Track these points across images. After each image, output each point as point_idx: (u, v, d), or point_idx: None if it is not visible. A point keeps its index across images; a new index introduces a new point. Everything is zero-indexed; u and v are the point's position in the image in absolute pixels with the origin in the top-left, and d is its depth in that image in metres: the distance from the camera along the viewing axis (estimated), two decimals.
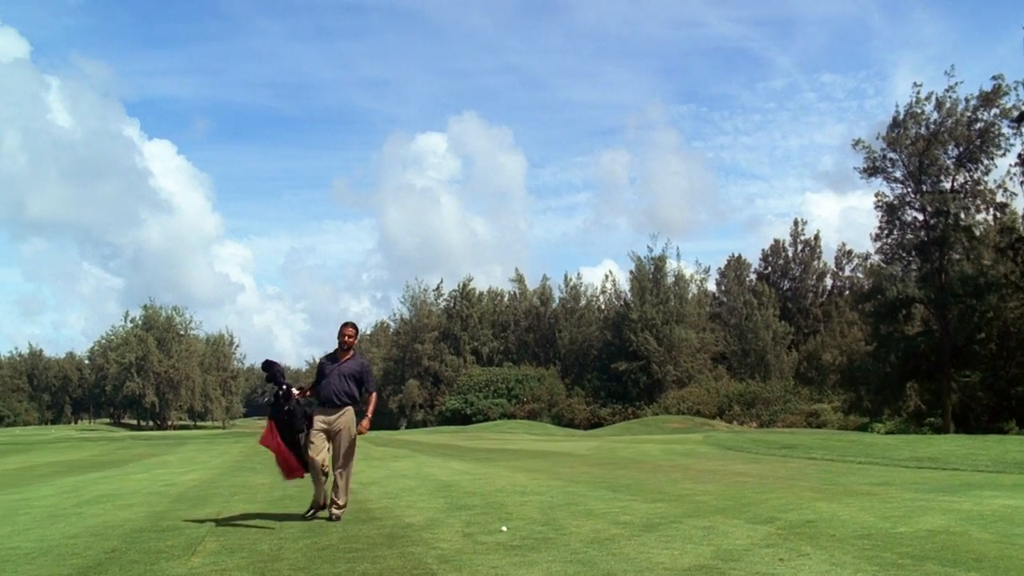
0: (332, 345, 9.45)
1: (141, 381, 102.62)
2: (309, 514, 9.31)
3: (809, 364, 74.08)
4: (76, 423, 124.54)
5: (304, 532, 8.29)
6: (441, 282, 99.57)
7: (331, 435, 9.07)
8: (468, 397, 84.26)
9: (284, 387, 9.16)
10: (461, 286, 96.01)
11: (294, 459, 9.12)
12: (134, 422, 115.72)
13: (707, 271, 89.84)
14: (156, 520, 9.64)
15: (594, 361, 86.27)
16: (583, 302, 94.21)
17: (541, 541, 7.39)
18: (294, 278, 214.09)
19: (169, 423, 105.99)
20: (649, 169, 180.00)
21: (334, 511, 9.10)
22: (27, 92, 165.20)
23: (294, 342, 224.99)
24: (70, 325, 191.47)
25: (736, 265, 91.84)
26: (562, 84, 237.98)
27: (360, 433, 9.18)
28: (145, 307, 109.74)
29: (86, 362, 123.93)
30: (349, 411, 9.18)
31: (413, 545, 7.36)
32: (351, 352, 9.24)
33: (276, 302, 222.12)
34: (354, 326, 9.37)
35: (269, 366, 9.28)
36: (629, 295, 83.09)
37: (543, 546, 7.16)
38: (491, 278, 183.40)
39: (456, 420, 79.51)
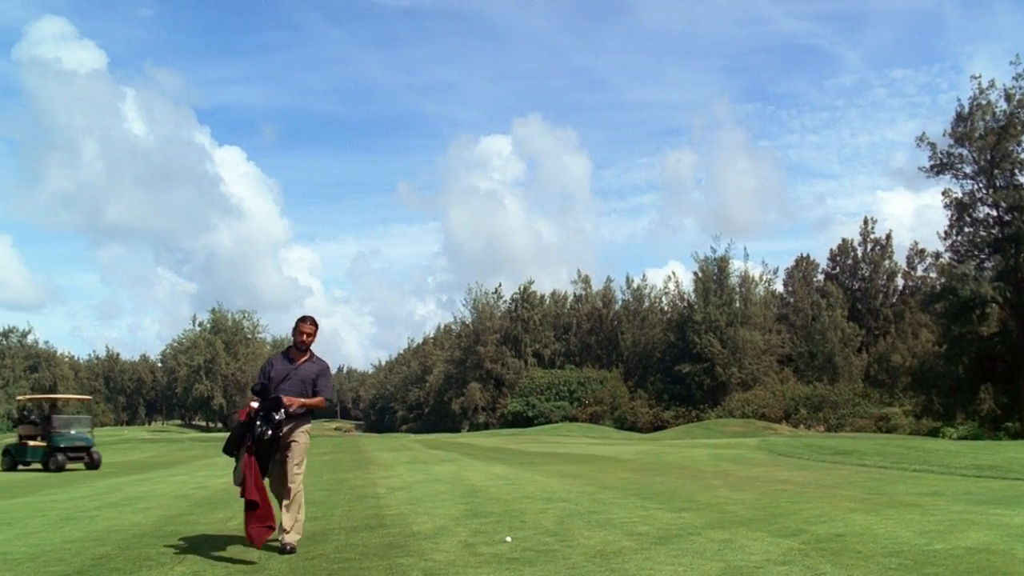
0: (398, 346, 8.89)
1: (209, 383, 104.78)
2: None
3: (879, 366, 71.78)
4: (149, 424, 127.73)
5: (302, 542, 7.97)
6: (500, 285, 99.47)
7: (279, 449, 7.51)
8: (530, 400, 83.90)
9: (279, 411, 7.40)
10: (522, 288, 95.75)
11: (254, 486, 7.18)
12: (203, 424, 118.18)
13: (774, 272, 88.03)
14: (164, 524, 9.45)
15: (657, 363, 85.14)
16: (646, 304, 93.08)
17: (542, 553, 6.93)
18: (361, 281, 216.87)
19: None
20: (715, 169, 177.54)
21: (286, 539, 7.41)
22: (104, 102, 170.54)
23: (361, 345, 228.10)
24: (145, 328, 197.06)
25: (803, 265, 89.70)
26: (625, 84, 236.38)
27: (288, 406, 7.36)
28: (213, 311, 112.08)
29: (158, 365, 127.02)
30: (303, 422, 7.76)
31: (407, 555, 6.97)
32: (309, 353, 7.90)
33: (343, 305, 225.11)
34: (314, 322, 7.97)
35: (264, 389, 7.53)
36: (692, 296, 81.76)
37: (542, 559, 6.70)
38: (556, 280, 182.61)
39: (518, 423, 79.14)
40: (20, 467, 24.44)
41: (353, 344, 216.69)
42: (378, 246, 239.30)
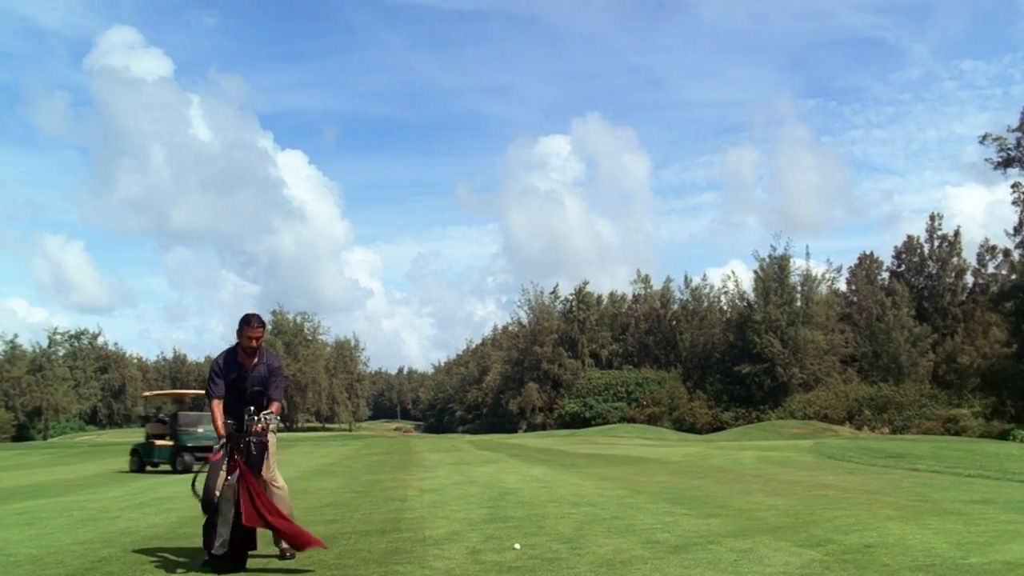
0: (457, 348, 8.43)
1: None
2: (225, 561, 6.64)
3: (947, 367, 69.45)
4: None
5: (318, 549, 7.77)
6: (557, 285, 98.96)
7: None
8: (587, 400, 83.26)
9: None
10: (577, 289, 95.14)
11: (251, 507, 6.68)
12: None
13: (838, 270, 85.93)
14: (180, 526, 9.37)
15: (716, 364, 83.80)
16: (705, 303, 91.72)
17: (548, 562, 6.61)
18: (420, 283, 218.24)
19: (297, 425, 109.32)
20: (777, 166, 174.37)
21: (284, 546, 7.04)
22: (171, 109, 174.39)
23: (421, 346, 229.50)
24: (211, 330, 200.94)
25: (867, 263, 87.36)
26: (684, 83, 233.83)
27: (253, 431, 6.89)
28: (274, 312, 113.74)
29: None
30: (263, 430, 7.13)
31: (407, 563, 6.71)
32: (258, 353, 7.19)
33: (403, 307, 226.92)
34: (261, 323, 7.19)
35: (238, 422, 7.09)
36: (752, 296, 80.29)
37: (545, 568, 6.38)
38: (616, 280, 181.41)
39: (575, 424, 78.55)
40: (148, 468, 22.84)
41: (413, 345, 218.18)
42: (438, 247, 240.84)
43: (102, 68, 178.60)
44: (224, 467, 6.72)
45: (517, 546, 7.35)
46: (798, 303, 76.95)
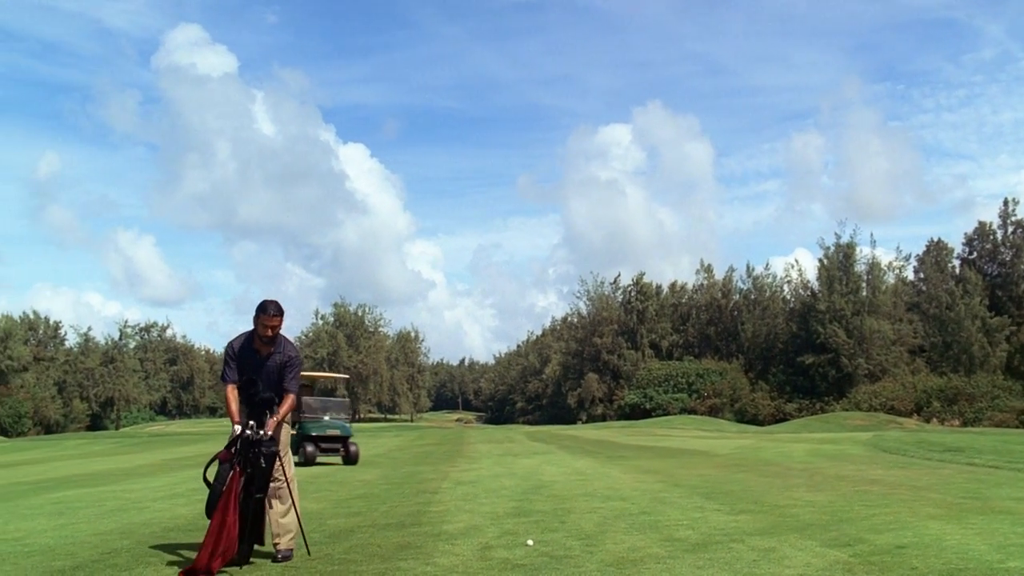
0: (519, 338, 8.03)
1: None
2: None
3: (1022, 357, 67.08)
4: None
5: (322, 540, 7.65)
6: (619, 275, 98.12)
7: None
8: (647, 392, 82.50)
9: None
10: (635, 279, 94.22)
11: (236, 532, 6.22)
12: None
13: (906, 258, 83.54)
14: (199, 518, 9.29)
15: (779, 354, 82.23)
16: (767, 293, 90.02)
17: (556, 560, 6.35)
18: (482, 274, 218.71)
19: (359, 416, 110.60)
20: (844, 152, 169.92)
21: (280, 545, 6.71)
22: (236, 104, 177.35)
23: (483, 337, 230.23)
24: None
25: (936, 250, 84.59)
26: (747, 69, 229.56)
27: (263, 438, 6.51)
28: (336, 305, 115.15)
29: None
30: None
31: (412, 559, 6.51)
32: (273, 345, 6.79)
33: (465, 298, 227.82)
34: (278, 311, 6.77)
35: (251, 385, 6.72)
36: (816, 285, 78.51)
37: (552, 566, 6.12)
38: (679, 270, 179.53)
39: (635, 415, 77.96)
40: None
41: (475, 336, 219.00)
42: (499, 239, 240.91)
43: (169, 66, 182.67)
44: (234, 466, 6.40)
45: (530, 542, 7.10)
46: (864, 292, 75.00)
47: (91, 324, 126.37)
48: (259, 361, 6.78)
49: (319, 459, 19.19)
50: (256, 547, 6.70)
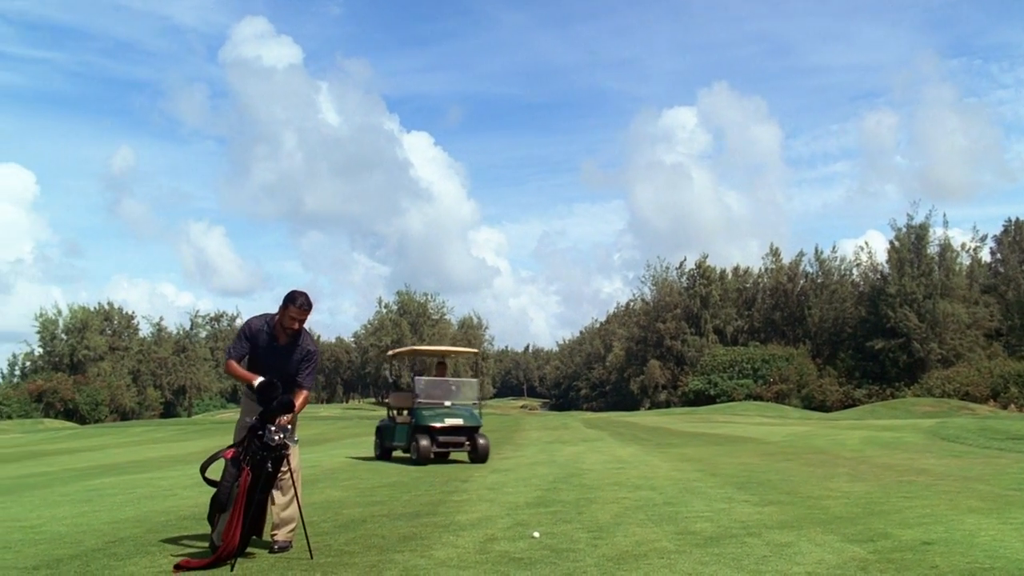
0: (582, 324, 7.59)
1: (396, 363, 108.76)
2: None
3: None
4: (347, 402, 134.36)
5: (331, 530, 7.51)
6: (684, 260, 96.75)
7: None
8: (711, 378, 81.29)
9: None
10: (698, 264, 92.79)
11: (240, 532, 6.02)
12: None
13: (982, 239, 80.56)
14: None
15: (848, 339, 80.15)
16: (835, 276, 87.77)
17: (558, 553, 6.08)
18: (546, 261, 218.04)
19: None
20: (919, 130, 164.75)
21: (278, 536, 6.53)
22: (301, 95, 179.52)
23: (548, 324, 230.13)
24: (344, 311, 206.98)
25: (1015, 230, 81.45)
26: (814, 48, 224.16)
27: (281, 425, 6.22)
28: (399, 293, 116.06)
29: (353, 346, 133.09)
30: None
31: (411, 551, 6.30)
32: (293, 337, 6.55)
33: (530, 285, 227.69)
34: (307, 305, 6.46)
35: (271, 389, 6.27)
36: (886, 268, 76.24)
37: (550, 559, 5.85)
38: (747, 254, 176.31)
39: (699, 402, 76.85)
40: (393, 453, 16.30)
41: (540, 323, 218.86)
42: (563, 225, 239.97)
43: (235, 59, 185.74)
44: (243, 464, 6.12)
45: (535, 534, 6.85)
46: (936, 274, 72.59)
47: (164, 314, 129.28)
48: (276, 349, 6.52)
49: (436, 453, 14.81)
50: (253, 538, 6.58)
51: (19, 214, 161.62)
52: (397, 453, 16.10)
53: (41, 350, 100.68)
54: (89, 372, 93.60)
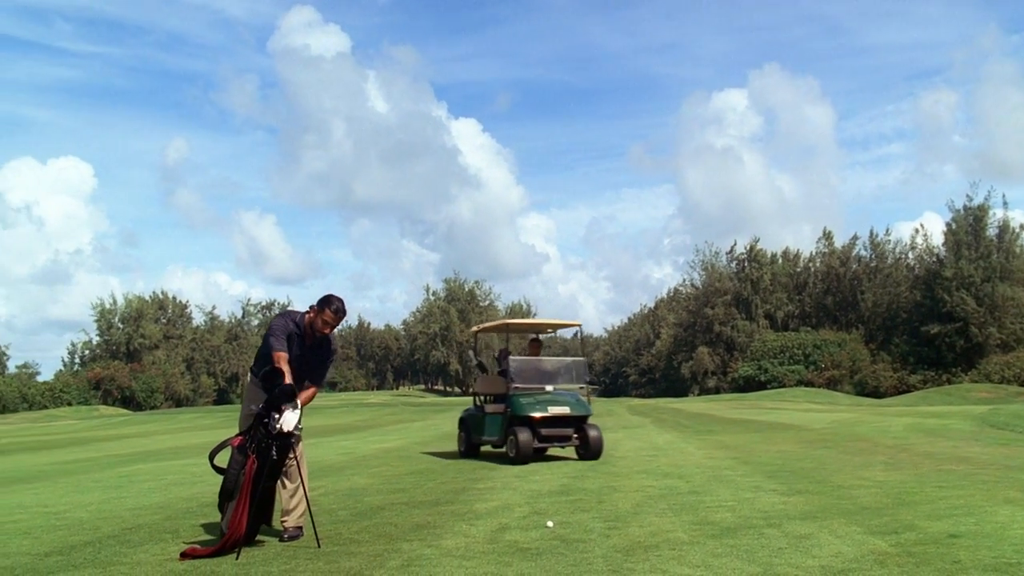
0: (632, 310, 7.24)
1: (445, 350, 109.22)
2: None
3: None
4: (396, 389, 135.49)
5: (347, 518, 7.46)
6: (734, 244, 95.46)
7: None
8: (762, 364, 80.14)
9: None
10: (749, 248, 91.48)
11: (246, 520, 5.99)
12: (442, 388, 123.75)
13: None
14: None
15: (903, 324, 78.40)
16: (889, 260, 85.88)
17: (568, 543, 5.93)
18: (596, 247, 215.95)
19: (472, 390, 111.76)
20: (980, 109, 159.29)
21: (288, 523, 6.53)
22: (350, 83, 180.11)
23: (598, 310, 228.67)
24: (394, 299, 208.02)
25: None
26: (868, 27, 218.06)
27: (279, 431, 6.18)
28: (447, 280, 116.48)
29: (402, 333, 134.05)
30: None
31: (419, 540, 6.21)
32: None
33: (579, 271, 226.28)
34: (343, 312, 6.54)
35: (274, 376, 6.29)
36: (943, 251, 74.30)
37: (559, 550, 5.71)
38: (800, 238, 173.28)
39: (750, 387, 75.84)
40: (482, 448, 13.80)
41: (590, 309, 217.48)
42: (611, 211, 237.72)
43: (284, 49, 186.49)
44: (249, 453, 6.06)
45: (550, 524, 6.70)
46: (995, 257, 70.58)
47: (218, 303, 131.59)
48: (303, 347, 6.51)
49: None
50: (263, 526, 6.54)
51: (78, 206, 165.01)
52: (486, 448, 13.71)
53: (99, 338, 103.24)
54: (144, 360, 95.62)
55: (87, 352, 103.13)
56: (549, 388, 12.81)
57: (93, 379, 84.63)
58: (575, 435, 12.44)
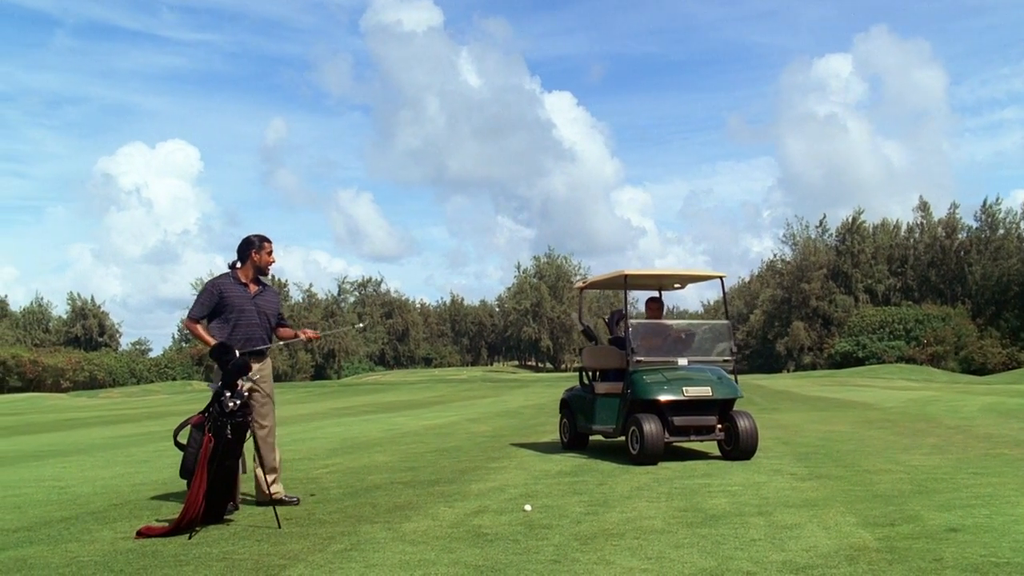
0: (730, 284, 6.65)
1: (536, 326, 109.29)
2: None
3: None
4: (491, 365, 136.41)
5: (337, 496, 7.30)
6: (824, 217, 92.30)
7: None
8: (860, 339, 77.48)
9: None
10: (851, 220, 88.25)
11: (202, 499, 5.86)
12: (534, 364, 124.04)
13: None
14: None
15: (1014, 298, 74.52)
16: (1000, 231, 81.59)
17: (533, 530, 5.57)
18: (693, 220, 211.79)
19: (563, 366, 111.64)
20: None
21: (275, 491, 6.57)
22: (443, 58, 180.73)
23: (697, 286, 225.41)
24: (489, 275, 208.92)
25: None
26: None
27: (312, 339, 7.19)
28: (536, 258, 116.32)
29: (496, 309, 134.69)
30: (269, 362, 6.89)
31: (383, 522, 5.95)
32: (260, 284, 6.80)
33: (676, 246, 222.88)
34: (269, 242, 6.81)
35: (225, 352, 6.22)
36: None
37: (517, 537, 5.35)
38: (907, 209, 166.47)
39: (847, 364, 73.46)
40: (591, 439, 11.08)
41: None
42: (708, 184, 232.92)
43: (376, 26, 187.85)
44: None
45: (527, 508, 6.37)
46: None
47: (317, 281, 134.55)
48: (252, 300, 6.66)
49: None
50: (251, 504, 6.43)
51: (186, 188, 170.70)
52: (596, 438, 10.90)
53: None
54: None
55: None
56: (682, 361, 9.68)
57: (195, 356, 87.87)
58: (720, 425, 9.40)
